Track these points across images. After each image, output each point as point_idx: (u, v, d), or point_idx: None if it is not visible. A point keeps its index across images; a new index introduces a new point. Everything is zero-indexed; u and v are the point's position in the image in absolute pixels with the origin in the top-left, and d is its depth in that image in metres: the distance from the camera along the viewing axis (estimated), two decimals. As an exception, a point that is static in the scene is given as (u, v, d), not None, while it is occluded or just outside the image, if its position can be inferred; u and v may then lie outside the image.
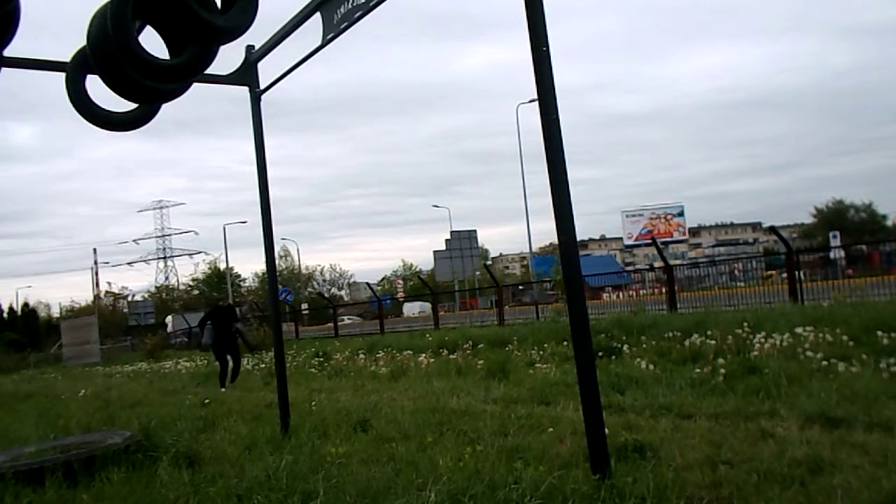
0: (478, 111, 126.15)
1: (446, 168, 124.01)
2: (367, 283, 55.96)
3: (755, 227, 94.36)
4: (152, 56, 3.84)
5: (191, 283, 68.90)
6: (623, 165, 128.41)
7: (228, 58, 4.99)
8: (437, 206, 63.17)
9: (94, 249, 69.49)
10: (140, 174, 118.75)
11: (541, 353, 10.32)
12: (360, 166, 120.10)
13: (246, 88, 5.94)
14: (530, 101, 36.57)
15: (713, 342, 8.64)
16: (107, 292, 64.55)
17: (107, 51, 3.77)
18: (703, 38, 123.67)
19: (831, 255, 22.88)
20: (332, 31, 4.88)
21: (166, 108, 5.00)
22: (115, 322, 52.52)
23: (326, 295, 57.32)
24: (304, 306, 45.69)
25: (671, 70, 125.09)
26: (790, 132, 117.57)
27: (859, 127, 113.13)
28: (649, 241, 39.89)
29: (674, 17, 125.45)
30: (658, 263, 19.79)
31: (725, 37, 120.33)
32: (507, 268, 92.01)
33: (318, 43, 5.04)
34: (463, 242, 31.00)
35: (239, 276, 65.04)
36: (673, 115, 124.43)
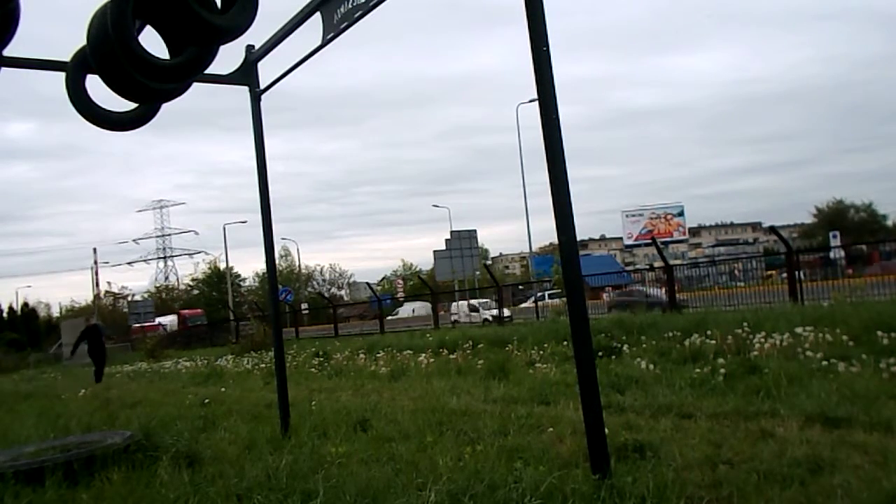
0: (478, 109, 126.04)
1: (447, 166, 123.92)
2: (367, 283, 55.94)
3: (755, 227, 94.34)
4: (152, 56, 3.85)
5: (191, 282, 68.93)
6: (635, 162, 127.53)
7: (228, 58, 5.00)
8: (437, 206, 63.24)
9: (94, 249, 69.44)
10: (146, 170, 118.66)
11: (541, 353, 10.31)
12: (358, 166, 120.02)
13: (246, 88, 5.94)
14: (530, 101, 36.60)
15: (713, 342, 8.64)
16: (107, 292, 64.57)
17: (107, 51, 3.78)
18: (727, 27, 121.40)
19: (831, 254, 22.92)
20: (332, 31, 4.88)
21: (173, 103, 4.98)
22: (115, 322, 52.54)
23: (326, 295, 57.32)
24: (304, 306, 45.70)
25: (688, 62, 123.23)
26: (806, 128, 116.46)
27: (871, 123, 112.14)
28: (649, 241, 39.88)
29: (697, 6, 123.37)
30: (658, 263, 19.78)
31: (751, 26, 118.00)
32: (507, 268, 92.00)
33: (318, 43, 5.05)
34: (463, 242, 30.91)
35: (239, 275, 65.01)
36: (687, 109, 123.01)
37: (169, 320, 44.75)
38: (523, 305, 28.31)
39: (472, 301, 26.79)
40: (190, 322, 42.29)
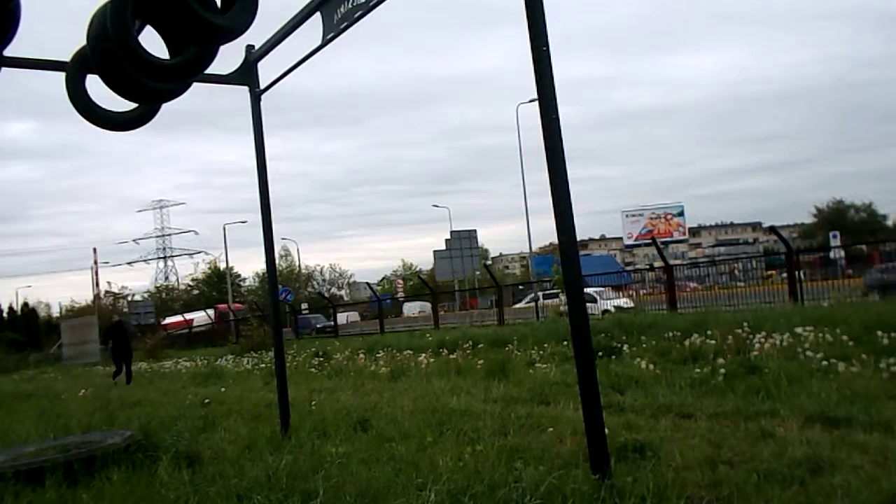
0: (478, 109, 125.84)
1: (447, 166, 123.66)
2: (367, 283, 55.98)
3: (755, 227, 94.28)
4: (152, 56, 3.84)
5: (191, 282, 68.93)
6: (635, 162, 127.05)
7: (228, 58, 5.00)
8: (436, 206, 63.33)
9: (94, 249, 69.35)
10: (146, 170, 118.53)
11: (541, 353, 10.32)
12: (357, 166, 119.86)
13: (246, 88, 5.94)
14: (530, 101, 36.60)
15: (713, 342, 8.64)
16: (107, 292, 64.48)
17: (107, 50, 3.78)
18: (727, 27, 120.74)
19: (831, 254, 22.90)
20: (332, 31, 4.88)
21: (173, 103, 4.97)
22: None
23: (326, 295, 57.32)
24: (304, 306, 45.62)
25: (688, 62, 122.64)
26: (806, 128, 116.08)
27: (871, 123, 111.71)
28: (649, 241, 39.86)
29: (697, 6, 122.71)
30: (658, 263, 19.79)
31: (751, 26, 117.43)
32: (506, 268, 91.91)
33: (318, 43, 5.05)
34: (463, 242, 31.00)
35: (239, 275, 65.00)
36: (687, 109, 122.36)
37: (201, 315, 43.85)
38: (518, 306, 28.07)
39: (591, 290, 20.69)
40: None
